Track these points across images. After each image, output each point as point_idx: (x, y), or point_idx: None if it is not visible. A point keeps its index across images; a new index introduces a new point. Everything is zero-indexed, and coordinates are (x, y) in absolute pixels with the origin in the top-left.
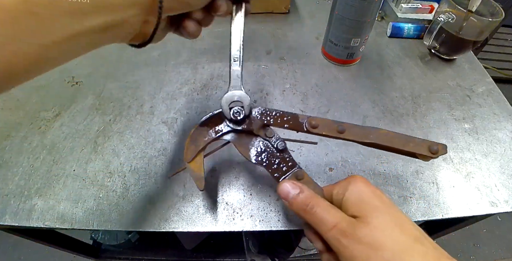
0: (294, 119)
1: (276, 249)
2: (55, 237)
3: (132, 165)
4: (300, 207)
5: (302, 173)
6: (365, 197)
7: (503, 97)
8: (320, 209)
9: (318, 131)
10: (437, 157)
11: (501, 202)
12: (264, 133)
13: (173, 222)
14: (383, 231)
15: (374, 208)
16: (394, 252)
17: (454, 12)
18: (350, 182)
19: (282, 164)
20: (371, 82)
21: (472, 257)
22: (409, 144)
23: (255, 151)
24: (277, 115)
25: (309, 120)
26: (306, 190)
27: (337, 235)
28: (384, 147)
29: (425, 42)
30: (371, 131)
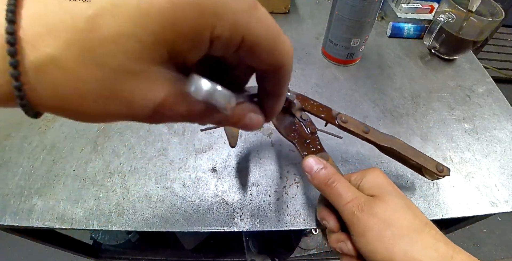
0: (328, 111)
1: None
2: (55, 237)
3: (132, 165)
4: (322, 180)
5: (327, 156)
6: (382, 182)
7: (503, 97)
8: (340, 184)
9: (346, 126)
10: (441, 177)
11: (501, 202)
12: (300, 115)
13: (173, 222)
14: (397, 210)
15: (391, 192)
16: (406, 230)
17: (454, 12)
18: (368, 170)
19: (311, 145)
20: (371, 82)
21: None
22: (419, 157)
23: (289, 128)
24: (314, 103)
25: (340, 115)
26: (329, 167)
27: (353, 208)
28: (397, 155)
29: (425, 42)
30: (390, 138)
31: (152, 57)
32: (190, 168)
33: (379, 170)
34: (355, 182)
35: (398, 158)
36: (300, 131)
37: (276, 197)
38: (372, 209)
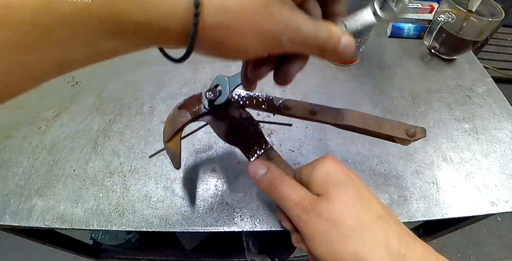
0: (269, 101)
1: (276, 249)
2: (55, 237)
3: (132, 165)
4: (266, 185)
5: (274, 153)
6: (331, 174)
7: (503, 97)
8: (285, 187)
9: (292, 112)
10: (414, 140)
11: (501, 202)
12: (239, 114)
13: (173, 222)
14: (344, 206)
15: (338, 184)
16: (355, 228)
17: (454, 12)
18: (319, 161)
19: (255, 145)
20: (371, 82)
21: (472, 257)
22: (384, 126)
23: (230, 132)
24: (252, 97)
25: (283, 102)
26: (273, 169)
27: (298, 212)
28: (360, 130)
29: (425, 42)
30: (345, 113)
31: None
32: (190, 168)
33: (330, 159)
34: (306, 177)
35: (362, 132)
36: (242, 132)
37: None
38: (317, 209)
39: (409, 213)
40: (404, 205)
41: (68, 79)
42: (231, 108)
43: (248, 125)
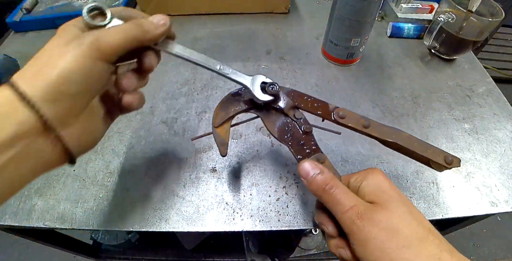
0: (324, 106)
1: (276, 249)
2: (55, 237)
3: (132, 165)
4: (319, 186)
5: (324, 158)
6: (383, 187)
7: (503, 97)
8: (339, 190)
9: (345, 121)
10: (450, 168)
11: (501, 202)
12: (293, 114)
13: (173, 222)
14: (400, 218)
15: (393, 197)
16: (411, 239)
17: (454, 12)
18: (369, 172)
19: (305, 146)
20: (371, 82)
21: (472, 257)
22: (427, 150)
23: (282, 129)
24: (308, 99)
25: (337, 110)
26: (326, 171)
27: (353, 217)
28: (404, 149)
29: (425, 42)
30: (394, 131)
31: None
32: (190, 168)
33: (380, 172)
34: (354, 184)
35: (404, 152)
36: (294, 132)
37: (276, 197)
38: (374, 217)
39: None
40: None
41: None
42: (286, 106)
43: (301, 126)
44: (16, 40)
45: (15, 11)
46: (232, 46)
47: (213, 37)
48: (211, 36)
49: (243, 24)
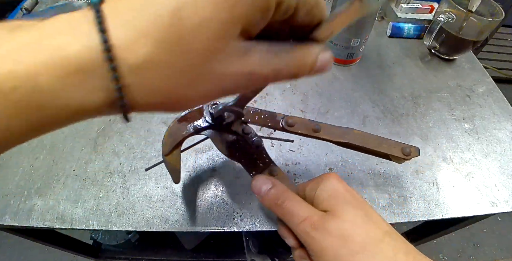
0: (271, 117)
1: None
2: (55, 237)
3: (132, 165)
4: (271, 201)
5: (277, 170)
6: (337, 192)
7: (503, 97)
8: (291, 203)
9: (294, 129)
10: (409, 159)
11: (501, 202)
12: (242, 129)
13: (173, 222)
14: (353, 224)
15: (345, 203)
16: (364, 244)
17: (454, 12)
18: (323, 178)
19: (258, 161)
20: (371, 82)
21: (472, 257)
22: (382, 145)
23: (232, 147)
24: (254, 112)
25: (286, 119)
26: (278, 185)
27: (307, 228)
28: (358, 148)
29: (425, 42)
30: (345, 131)
31: (230, 33)
32: (190, 168)
33: (334, 177)
34: (309, 192)
35: (360, 150)
36: (244, 148)
37: None
38: (326, 226)
39: (409, 213)
40: (404, 205)
41: None
42: (234, 123)
43: (250, 141)
44: None
45: (15, 11)
46: None
47: None
48: None
49: None
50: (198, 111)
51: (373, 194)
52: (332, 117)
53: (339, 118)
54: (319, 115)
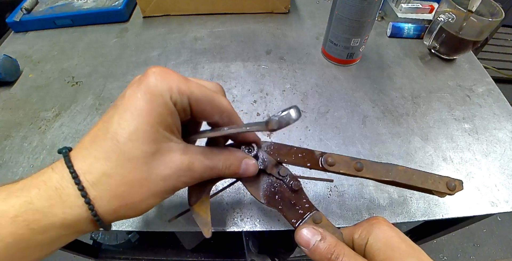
0: (309, 155)
1: (276, 249)
2: None
3: None
4: (323, 256)
5: (320, 216)
6: (392, 242)
7: (503, 97)
8: (347, 258)
9: (334, 169)
10: (453, 194)
11: (501, 202)
12: (277, 171)
13: (173, 222)
14: None
15: (406, 255)
16: None
17: (454, 12)
18: (373, 224)
19: (297, 206)
20: (371, 82)
21: (472, 257)
22: (427, 181)
23: (269, 192)
24: (291, 150)
25: (325, 157)
26: (328, 237)
27: None
28: (403, 185)
29: (425, 42)
30: (388, 168)
31: (157, 137)
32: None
33: (385, 223)
34: (359, 242)
35: (403, 186)
36: (282, 192)
37: None
38: None
39: (409, 213)
40: (404, 205)
41: (68, 79)
42: (267, 164)
43: (288, 184)
44: (16, 40)
45: (15, 11)
46: (232, 46)
47: (213, 37)
48: (211, 36)
49: (243, 24)
50: None
51: (373, 194)
52: (332, 117)
53: (339, 118)
54: (319, 115)
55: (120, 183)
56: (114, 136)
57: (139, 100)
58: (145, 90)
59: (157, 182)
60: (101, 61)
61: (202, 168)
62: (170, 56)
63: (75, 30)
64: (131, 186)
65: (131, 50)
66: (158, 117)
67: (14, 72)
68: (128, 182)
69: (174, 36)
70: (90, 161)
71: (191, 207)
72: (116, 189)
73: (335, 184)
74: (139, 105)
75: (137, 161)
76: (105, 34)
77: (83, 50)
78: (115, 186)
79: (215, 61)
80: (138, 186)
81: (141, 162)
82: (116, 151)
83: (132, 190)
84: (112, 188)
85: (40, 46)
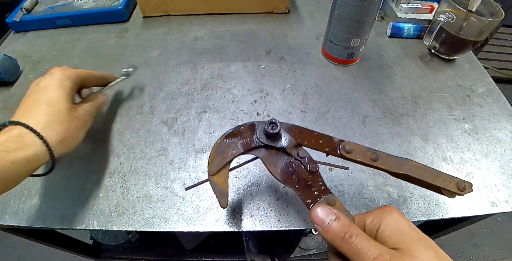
0: (328, 141)
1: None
2: (55, 237)
3: (132, 165)
4: (337, 235)
5: (335, 199)
6: (403, 229)
7: (503, 97)
8: (360, 239)
9: (351, 156)
10: (463, 194)
11: (501, 202)
12: (297, 152)
13: (173, 222)
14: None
15: (416, 241)
16: None
17: (454, 12)
18: (385, 212)
19: (313, 188)
20: (371, 82)
21: (472, 257)
22: (438, 179)
23: (286, 171)
24: (311, 135)
25: (343, 145)
26: (342, 218)
27: None
28: (414, 179)
29: (425, 42)
30: (402, 161)
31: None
32: (190, 168)
33: (396, 211)
34: (371, 227)
35: (414, 181)
36: (299, 173)
37: (276, 197)
38: None
39: (409, 213)
40: (404, 205)
41: None
42: (288, 144)
43: (306, 165)
44: (16, 40)
45: (15, 11)
46: (232, 46)
47: (213, 37)
48: (211, 36)
49: (243, 24)
50: (248, 128)
51: (373, 194)
52: (332, 117)
53: (339, 118)
54: (319, 115)
55: (59, 125)
56: (47, 101)
57: (55, 82)
58: (57, 77)
59: (78, 120)
60: (101, 61)
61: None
62: (170, 56)
63: (75, 30)
64: (65, 126)
65: (131, 50)
66: (68, 89)
67: (14, 72)
68: (63, 123)
69: (174, 36)
70: (36, 118)
71: (210, 176)
72: (57, 129)
73: (336, 184)
74: (56, 85)
75: (65, 112)
76: (105, 34)
77: (83, 50)
78: (56, 127)
79: (215, 61)
80: (69, 125)
81: (66, 112)
82: (51, 109)
83: (67, 128)
84: (55, 129)
85: (40, 46)
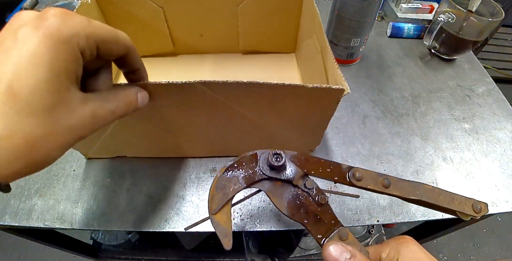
0: (337, 168)
1: (276, 249)
2: (55, 237)
3: (132, 165)
4: None
5: (347, 232)
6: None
7: (503, 97)
8: None
9: (362, 184)
10: (479, 216)
11: (501, 202)
12: (304, 183)
13: (173, 222)
14: None
15: None
16: None
17: (454, 12)
18: (402, 243)
19: (324, 221)
20: (371, 82)
21: (472, 257)
22: (454, 201)
23: (293, 204)
24: (318, 163)
25: (353, 172)
26: (358, 255)
27: None
28: (429, 205)
29: (425, 42)
30: (415, 186)
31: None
32: (190, 168)
33: (413, 243)
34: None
35: (428, 206)
36: (308, 206)
37: None
38: None
39: (409, 213)
40: (404, 205)
41: None
42: (294, 175)
43: (314, 197)
44: None
45: (15, 11)
46: None
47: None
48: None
49: None
50: (250, 158)
51: (373, 194)
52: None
53: (339, 118)
54: None
55: (21, 142)
56: (10, 88)
57: (38, 46)
58: (47, 35)
59: (63, 134)
60: None
61: (105, 113)
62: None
63: None
64: (34, 143)
65: None
66: (61, 65)
67: None
68: (31, 140)
69: None
70: None
71: (211, 215)
72: (17, 149)
73: (336, 184)
74: (39, 52)
75: (40, 116)
76: None
77: None
78: (16, 147)
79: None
80: (43, 142)
81: (43, 116)
82: (14, 107)
83: (36, 148)
84: (14, 149)
85: None
